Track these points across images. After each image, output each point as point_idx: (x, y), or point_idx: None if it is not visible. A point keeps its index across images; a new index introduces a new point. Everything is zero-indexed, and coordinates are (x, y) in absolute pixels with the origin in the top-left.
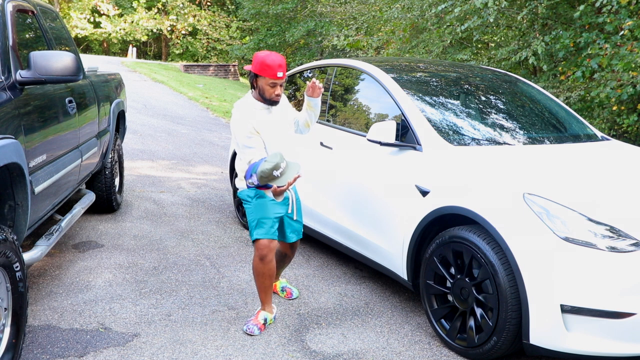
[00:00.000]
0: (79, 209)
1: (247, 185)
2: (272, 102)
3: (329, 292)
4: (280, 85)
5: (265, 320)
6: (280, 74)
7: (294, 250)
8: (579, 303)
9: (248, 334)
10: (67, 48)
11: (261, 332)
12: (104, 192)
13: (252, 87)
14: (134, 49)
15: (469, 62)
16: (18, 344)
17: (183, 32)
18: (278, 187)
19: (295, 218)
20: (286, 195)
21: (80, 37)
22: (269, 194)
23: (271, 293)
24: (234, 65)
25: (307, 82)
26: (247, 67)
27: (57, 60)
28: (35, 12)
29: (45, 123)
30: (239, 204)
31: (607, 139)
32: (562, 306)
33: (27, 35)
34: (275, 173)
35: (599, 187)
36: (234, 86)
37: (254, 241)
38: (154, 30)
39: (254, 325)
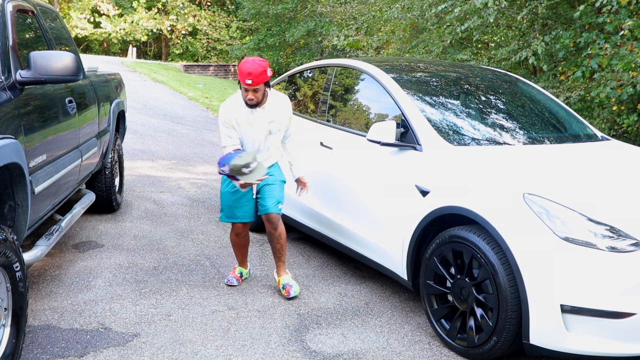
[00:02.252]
0: (79, 209)
1: (218, 171)
2: (247, 104)
3: (329, 292)
4: (254, 91)
5: (241, 273)
6: (248, 82)
7: (276, 227)
8: (579, 303)
9: (228, 285)
10: (67, 48)
11: (239, 282)
12: (104, 192)
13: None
14: (134, 49)
15: (469, 62)
16: (18, 344)
17: (183, 32)
18: (245, 182)
19: (255, 196)
20: None
21: (80, 37)
22: (236, 184)
23: (246, 255)
24: (234, 65)
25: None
26: None
27: (57, 60)
28: (35, 12)
29: (45, 123)
30: None
31: (607, 139)
32: (562, 306)
33: (27, 35)
34: (245, 170)
35: (599, 187)
36: (234, 86)
37: (230, 224)
38: (154, 30)
39: (232, 277)
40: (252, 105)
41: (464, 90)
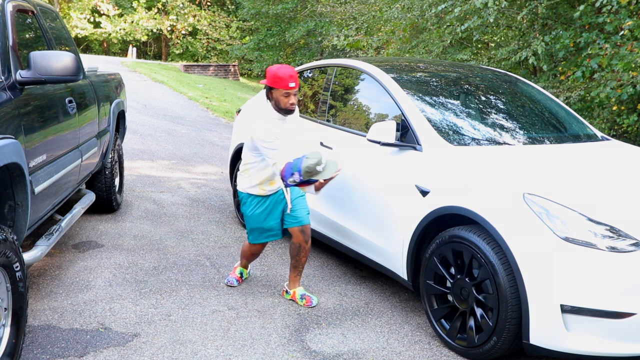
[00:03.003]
0: (79, 209)
1: (287, 184)
2: (287, 111)
3: (329, 292)
4: (294, 95)
5: (241, 274)
6: (292, 84)
7: (308, 239)
8: (579, 303)
9: (228, 286)
10: (67, 48)
11: (239, 283)
12: (104, 192)
13: (268, 98)
14: (134, 49)
15: (469, 62)
16: (18, 344)
17: (183, 32)
18: (323, 180)
19: (289, 211)
20: (281, 192)
21: (80, 37)
22: (309, 189)
23: (252, 261)
24: (234, 65)
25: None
26: (262, 82)
27: (57, 60)
28: (35, 12)
29: (45, 123)
30: (239, 204)
31: (607, 139)
32: (562, 306)
33: (27, 35)
34: (319, 168)
35: (599, 187)
36: (234, 86)
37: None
38: (154, 30)
39: (232, 278)
40: (292, 110)
41: (464, 90)
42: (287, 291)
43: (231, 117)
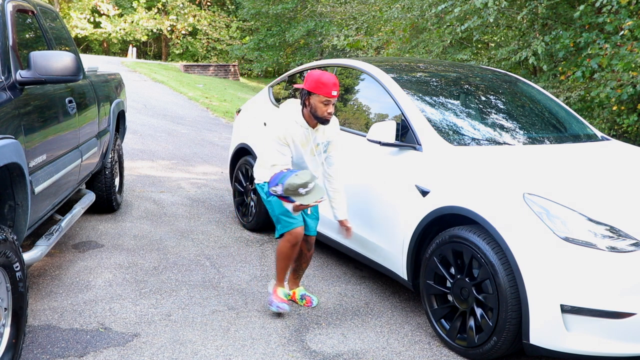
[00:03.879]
0: (79, 209)
1: (269, 191)
2: (323, 120)
3: (329, 292)
4: (333, 104)
5: (285, 294)
6: (335, 92)
7: (310, 247)
8: (579, 303)
9: (279, 313)
10: (67, 48)
11: (289, 306)
12: (104, 192)
13: (304, 104)
14: (134, 49)
15: (469, 62)
16: (18, 344)
17: (183, 32)
18: (300, 203)
19: (309, 212)
20: None
21: (80, 37)
22: (288, 206)
23: (288, 271)
24: (234, 65)
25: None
26: (298, 85)
27: (57, 60)
28: (35, 12)
29: (45, 123)
30: (239, 204)
31: (607, 139)
32: (562, 306)
33: (27, 35)
34: (302, 190)
35: (599, 187)
36: (234, 86)
37: (289, 231)
38: (154, 30)
39: (280, 302)
40: (327, 120)
41: (464, 90)
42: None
43: (231, 117)
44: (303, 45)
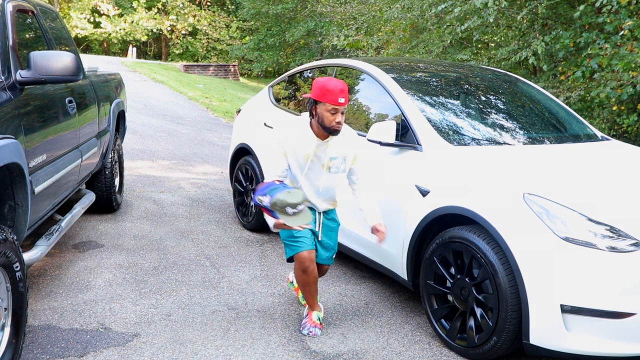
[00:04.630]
0: (79, 209)
1: (254, 199)
2: (332, 131)
3: (329, 292)
4: (342, 113)
5: (319, 318)
6: (341, 100)
7: (322, 274)
8: (579, 303)
9: (311, 336)
10: (67, 48)
11: (321, 330)
12: (104, 192)
13: (311, 114)
14: (134, 49)
15: (469, 62)
16: (18, 344)
17: (183, 32)
18: (284, 223)
19: (319, 238)
20: (313, 213)
21: (80, 37)
22: (269, 220)
23: (316, 294)
24: (234, 65)
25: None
26: (305, 95)
27: (57, 60)
28: (35, 12)
29: (45, 123)
30: (239, 204)
31: (607, 139)
32: (562, 306)
33: (27, 35)
34: (289, 210)
35: (599, 187)
36: (234, 86)
37: (294, 256)
38: (154, 30)
39: (313, 327)
40: (338, 130)
41: (464, 90)
42: (292, 282)
43: (231, 117)
44: (303, 45)
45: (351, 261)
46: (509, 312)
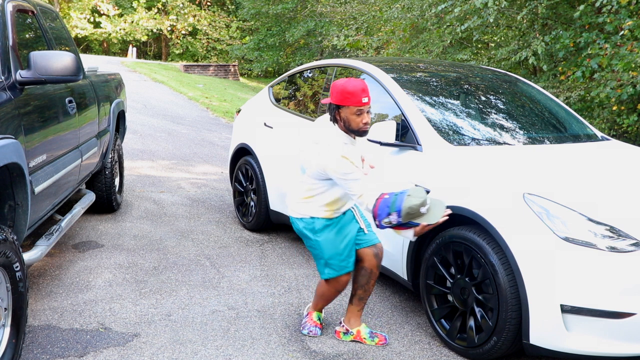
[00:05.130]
0: (79, 209)
1: (380, 225)
2: (361, 132)
3: None
4: (367, 112)
5: (319, 318)
6: (365, 99)
7: (380, 259)
8: (579, 303)
9: (312, 336)
10: (67, 48)
11: (321, 330)
12: (104, 192)
13: (334, 120)
14: (134, 49)
15: (469, 62)
16: (18, 344)
17: (183, 32)
18: (426, 225)
19: (366, 230)
20: (350, 212)
21: (80, 37)
22: (407, 234)
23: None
24: (234, 65)
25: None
26: (325, 101)
27: (57, 60)
28: (35, 12)
29: (45, 123)
30: (239, 204)
31: (607, 139)
32: (562, 306)
33: (27, 35)
34: (423, 209)
35: (599, 187)
36: (234, 86)
37: (334, 277)
38: (154, 30)
39: (313, 326)
40: (366, 131)
41: (464, 90)
42: (346, 331)
43: (231, 117)
44: (303, 45)
45: None
46: (509, 312)
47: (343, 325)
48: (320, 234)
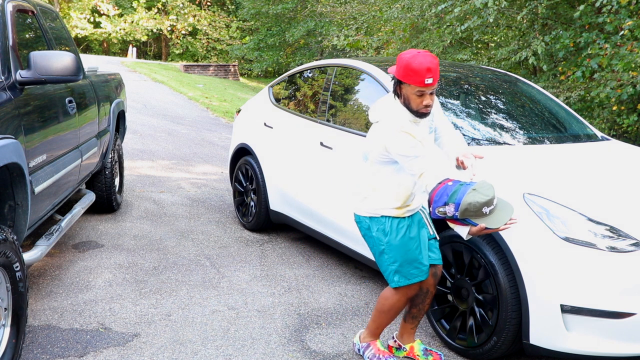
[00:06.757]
0: (79, 209)
1: (433, 213)
2: (420, 114)
3: (329, 292)
4: (431, 94)
5: (385, 347)
6: (429, 80)
7: (437, 279)
8: (579, 303)
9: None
10: (67, 48)
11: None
12: (104, 192)
13: (396, 94)
14: (134, 49)
15: (469, 62)
16: (18, 344)
17: (183, 32)
18: (486, 228)
19: (437, 238)
20: (418, 214)
21: (80, 37)
22: (461, 230)
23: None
24: (234, 65)
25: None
26: (391, 70)
27: (57, 60)
28: (35, 12)
29: (45, 123)
30: (239, 204)
31: (607, 139)
32: (562, 306)
33: (27, 35)
34: (485, 210)
35: (599, 187)
36: (234, 86)
37: (406, 285)
38: (154, 30)
39: (389, 357)
40: (427, 114)
41: (464, 90)
42: (399, 346)
43: (231, 117)
44: (303, 45)
45: (351, 261)
46: (509, 312)
47: (396, 341)
48: (391, 235)
